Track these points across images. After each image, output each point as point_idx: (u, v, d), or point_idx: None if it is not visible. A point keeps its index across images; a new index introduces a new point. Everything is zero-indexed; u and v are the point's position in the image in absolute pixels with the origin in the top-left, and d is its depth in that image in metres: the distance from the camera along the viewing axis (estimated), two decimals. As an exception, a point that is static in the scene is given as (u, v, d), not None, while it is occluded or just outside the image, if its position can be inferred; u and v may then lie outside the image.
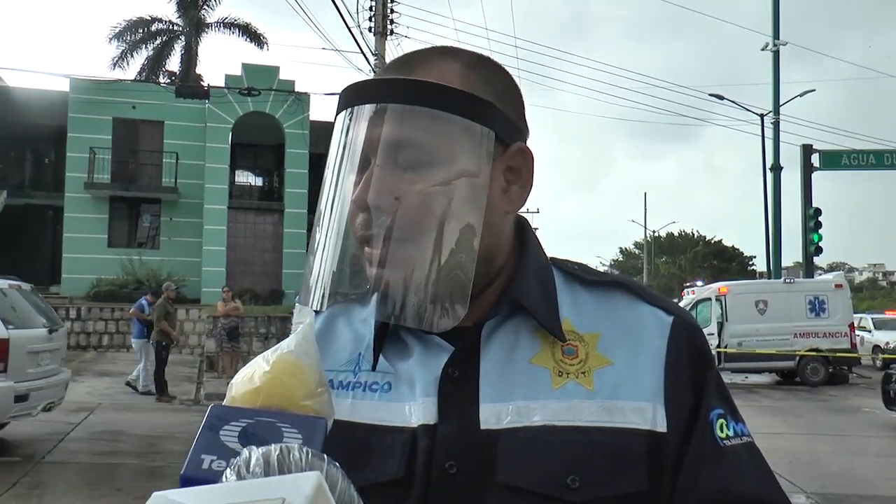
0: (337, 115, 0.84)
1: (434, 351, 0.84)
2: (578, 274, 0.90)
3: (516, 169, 0.85)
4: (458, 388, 0.81)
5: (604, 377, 0.82)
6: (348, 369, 0.88)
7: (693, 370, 0.85)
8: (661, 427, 0.80)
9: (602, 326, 0.86)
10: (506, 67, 0.90)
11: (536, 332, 0.84)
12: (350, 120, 0.81)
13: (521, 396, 0.81)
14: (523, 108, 0.89)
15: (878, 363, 21.25)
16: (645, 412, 0.80)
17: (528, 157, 0.86)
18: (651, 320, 0.86)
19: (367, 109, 0.80)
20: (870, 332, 23.71)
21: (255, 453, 0.59)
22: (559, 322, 0.85)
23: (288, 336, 0.73)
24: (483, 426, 0.79)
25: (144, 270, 21.45)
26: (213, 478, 0.61)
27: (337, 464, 0.60)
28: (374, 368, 0.86)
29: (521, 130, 0.87)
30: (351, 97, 0.82)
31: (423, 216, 0.78)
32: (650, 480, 0.79)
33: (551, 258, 0.92)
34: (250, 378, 0.68)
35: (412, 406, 0.82)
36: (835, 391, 16.14)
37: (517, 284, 0.85)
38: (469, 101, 0.80)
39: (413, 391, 0.83)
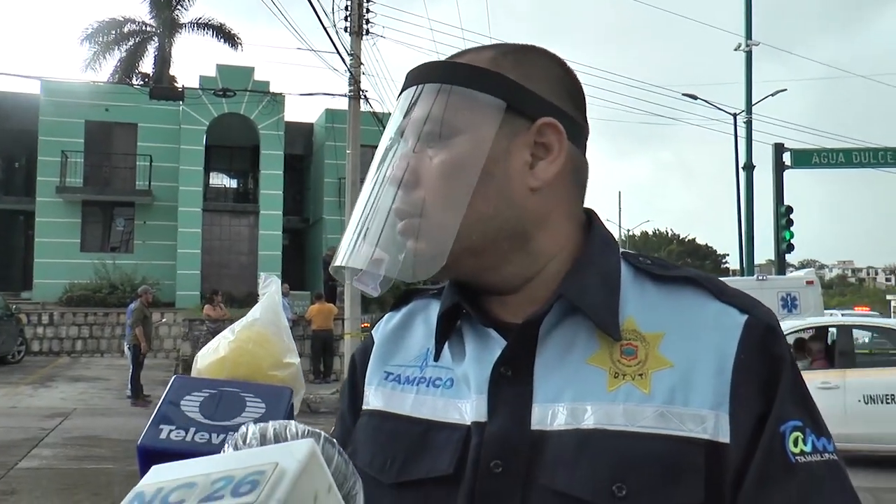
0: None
1: (489, 346, 0.83)
2: (649, 269, 0.86)
3: (546, 145, 0.83)
4: (510, 387, 0.80)
5: (662, 380, 0.77)
6: (416, 364, 0.89)
7: (765, 376, 0.77)
8: (724, 437, 0.74)
9: (667, 326, 0.81)
10: (559, 58, 0.90)
11: (596, 331, 0.81)
12: (394, 105, 0.90)
13: (573, 397, 0.78)
14: (575, 95, 0.88)
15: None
16: (706, 420, 0.75)
17: (558, 133, 0.84)
18: (721, 319, 0.80)
19: (401, 95, 0.88)
20: (842, 327, 24.02)
21: (252, 428, 0.60)
22: (618, 322, 0.81)
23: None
24: (534, 426, 0.78)
25: (118, 275, 21.19)
26: (172, 447, 0.61)
27: (334, 440, 0.60)
28: (436, 359, 0.87)
29: (560, 109, 0.85)
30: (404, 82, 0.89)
31: (415, 176, 0.82)
32: (706, 495, 0.73)
33: (623, 252, 0.88)
34: (215, 349, 0.68)
35: (468, 403, 0.82)
36: (808, 386, 16.31)
37: (573, 282, 0.82)
38: (474, 73, 0.83)
39: (469, 388, 0.82)
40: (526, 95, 0.83)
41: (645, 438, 0.74)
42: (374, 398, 0.90)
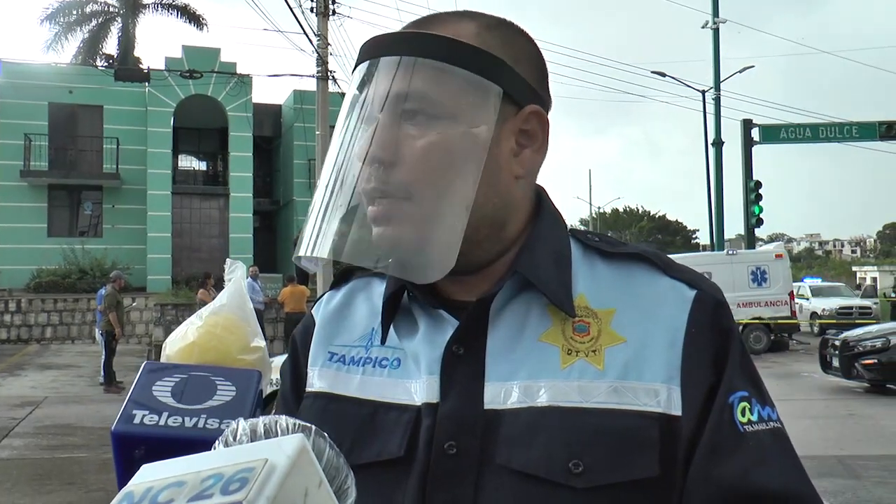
0: (353, 71, 0.83)
1: (440, 326, 0.82)
2: (598, 246, 0.86)
3: (530, 133, 0.82)
4: (463, 366, 0.79)
5: (615, 356, 0.77)
6: (361, 344, 0.87)
7: (714, 349, 0.79)
8: (676, 410, 0.75)
9: (618, 302, 0.81)
10: (530, 35, 0.87)
11: (548, 308, 0.81)
12: (357, 76, 0.81)
13: (527, 375, 0.77)
14: (545, 76, 0.87)
15: (816, 329, 21.97)
16: (658, 394, 0.76)
17: (543, 122, 0.83)
18: (671, 295, 0.81)
19: (372, 64, 0.80)
20: (807, 299, 24.47)
21: (242, 423, 0.59)
22: (571, 298, 0.81)
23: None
24: (487, 406, 0.77)
25: (88, 260, 20.90)
26: (145, 432, 0.61)
27: (326, 435, 0.60)
28: (382, 342, 0.85)
29: (541, 96, 0.84)
30: (362, 52, 0.82)
31: (418, 168, 0.77)
32: (661, 467, 0.74)
33: (571, 229, 0.88)
34: (184, 335, 0.68)
35: (417, 384, 0.80)
36: (777, 357, 16.64)
37: (525, 258, 0.82)
38: (476, 55, 0.78)
39: (419, 368, 0.81)
40: (518, 82, 0.80)
41: (599, 414, 0.75)
42: (318, 380, 0.88)
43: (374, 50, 0.80)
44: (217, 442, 0.59)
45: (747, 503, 0.73)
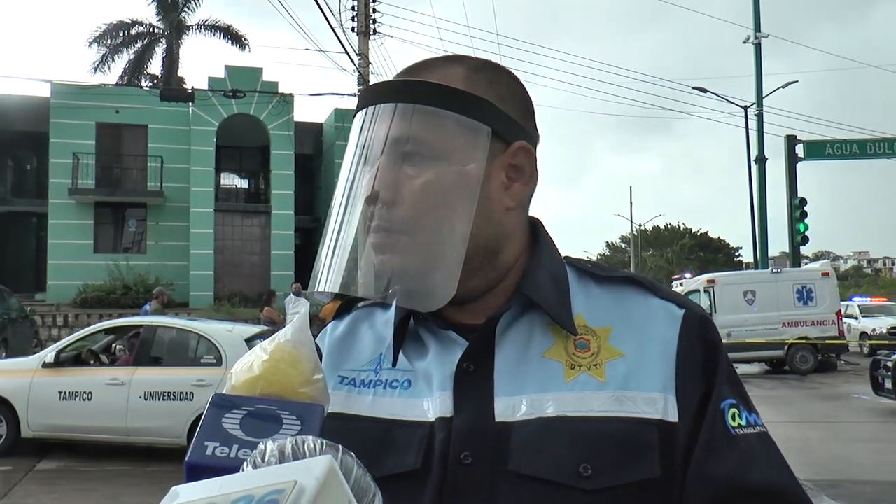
0: (353, 117, 0.90)
1: (450, 347, 0.87)
2: (591, 271, 0.93)
3: (518, 167, 0.88)
4: (473, 382, 0.84)
5: (615, 369, 0.84)
6: (370, 368, 0.91)
7: (704, 361, 0.86)
8: (673, 417, 0.82)
9: (614, 320, 0.88)
10: (515, 74, 0.93)
11: (549, 327, 0.87)
12: (358, 121, 0.88)
13: (534, 389, 0.83)
14: (532, 114, 0.93)
15: (866, 349, 21.45)
16: (656, 402, 0.82)
17: (530, 156, 0.89)
18: (662, 313, 0.88)
19: (370, 110, 0.87)
20: (856, 319, 23.92)
21: (270, 445, 0.60)
22: (571, 317, 0.87)
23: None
24: (498, 418, 0.82)
25: (132, 276, 21.35)
26: (217, 463, 0.62)
27: (352, 454, 0.61)
28: (394, 365, 0.89)
29: (527, 132, 0.90)
30: (361, 100, 0.89)
31: (417, 205, 0.83)
32: (661, 469, 0.80)
33: (565, 257, 0.95)
34: (250, 367, 0.70)
35: (430, 401, 0.85)
36: (824, 378, 16.27)
37: (529, 281, 0.88)
38: (464, 98, 0.84)
39: (430, 387, 0.86)
40: (505, 120, 0.87)
41: (604, 421, 0.81)
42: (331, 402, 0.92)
43: (373, 97, 0.87)
44: (245, 463, 0.60)
45: (741, 498, 0.81)
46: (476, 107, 0.84)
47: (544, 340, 0.86)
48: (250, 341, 8.76)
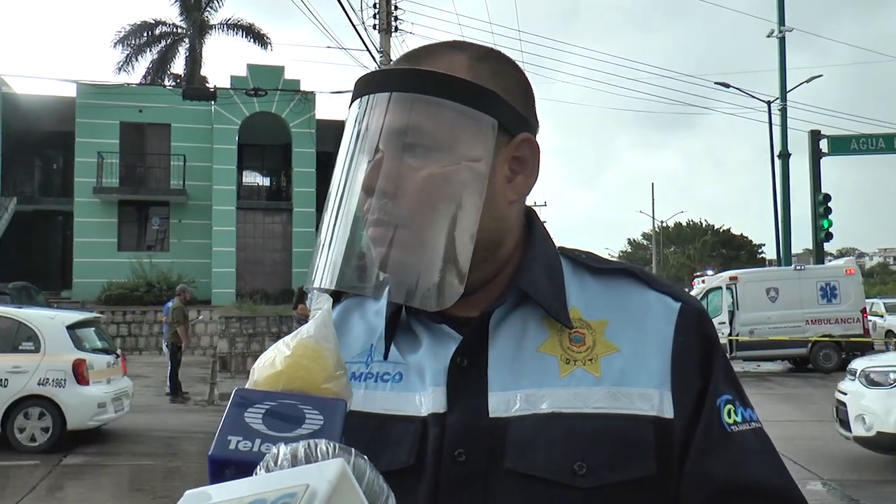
0: (350, 105, 0.87)
1: (443, 341, 0.85)
2: (586, 262, 0.91)
3: (522, 159, 0.86)
4: (467, 377, 0.82)
5: (611, 364, 0.82)
6: (361, 360, 0.89)
7: (700, 356, 0.85)
8: (668, 413, 0.81)
9: (609, 314, 0.86)
10: (516, 62, 0.91)
11: (544, 320, 0.85)
12: (357, 110, 0.85)
13: (529, 384, 0.81)
14: (533, 102, 0.90)
15: (891, 348, 21.15)
16: (652, 398, 0.81)
17: (533, 148, 0.87)
18: (658, 307, 0.87)
19: (373, 99, 0.83)
20: (882, 316, 23.60)
21: (283, 449, 0.60)
22: (566, 310, 0.85)
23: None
24: (492, 414, 0.81)
25: (155, 273, 21.54)
26: (240, 457, 0.63)
27: (365, 457, 0.61)
28: (385, 358, 0.87)
29: (529, 123, 0.87)
30: (359, 88, 0.85)
31: (424, 200, 0.80)
32: (657, 466, 0.80)
33: (560, 248, 0.93)
34: (272, 362, 0.70)
35: (422, 395, 0.83)
36: (848, 377, 16.05)
37: (523, 274, 0.86)
38: (471, 89, 0.81)
39: (423, 381, 0.84)
40: (510, 112, 0.84)
41: (599, 418, 0.80)
42: None
43: (371, 86, 0.84)
44: (258, 467, 0.60)
45: (737, 494, 0.80)
46: (481, 97, 0.82)
47: (539, 334, 0.84)
48: (73, 328, 8.76)
